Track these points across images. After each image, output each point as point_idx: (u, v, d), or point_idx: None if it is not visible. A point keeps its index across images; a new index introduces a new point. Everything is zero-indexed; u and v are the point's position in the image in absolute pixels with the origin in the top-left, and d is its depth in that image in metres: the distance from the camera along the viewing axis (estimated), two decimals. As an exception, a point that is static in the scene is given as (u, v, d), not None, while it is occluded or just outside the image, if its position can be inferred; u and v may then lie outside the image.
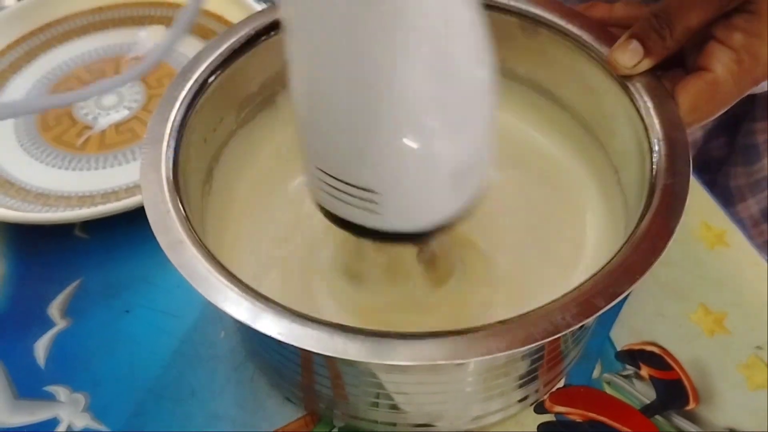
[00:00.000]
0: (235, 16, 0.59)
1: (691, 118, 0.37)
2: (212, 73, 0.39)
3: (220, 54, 0.40)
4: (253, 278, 0.39)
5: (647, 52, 0.37)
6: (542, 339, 0.28)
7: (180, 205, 0.33)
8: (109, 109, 0.57)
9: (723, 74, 0.36)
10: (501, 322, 0.29)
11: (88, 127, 0.56)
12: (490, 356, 0.28)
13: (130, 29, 0.63)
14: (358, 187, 0.29)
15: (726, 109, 0.38)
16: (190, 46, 0.60)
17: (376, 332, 0.28)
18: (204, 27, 0.61)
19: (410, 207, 0.30)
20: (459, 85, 0.28)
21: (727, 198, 0.66)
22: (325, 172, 0.29)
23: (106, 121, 0.56)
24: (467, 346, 0.28)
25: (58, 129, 0.56)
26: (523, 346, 0.28)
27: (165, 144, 0.35)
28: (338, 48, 0.26)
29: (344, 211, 0.30)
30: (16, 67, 0.61)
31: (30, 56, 0.62)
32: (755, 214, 0.69)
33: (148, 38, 0.62)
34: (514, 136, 0.45)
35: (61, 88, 0.59)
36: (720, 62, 0.36)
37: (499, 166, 0.43)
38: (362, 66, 0.26)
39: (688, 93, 0.37)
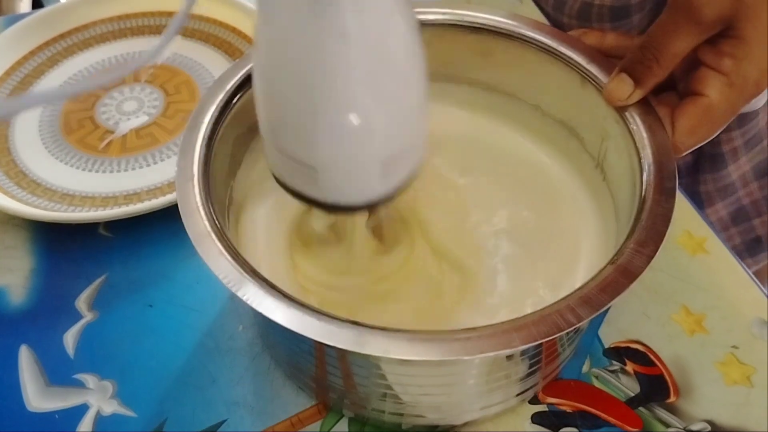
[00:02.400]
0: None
1: (690, 140, 0.39)
2: (237, 90, 0.41)
3: (246, 72, 0.42)
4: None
5: (637, 83, 0.39)
6: (544, 338, 0.30)
7: (213, 213, 0.36)
8: (129, 114, 0.59)
9: (717, 98, 0.38)
10: (508, 322, 0.31)
11: (109, 131, 0.57)
12: (501, 352, 0.30)
13: (148, 38, 0.65)
14: (301, 163, 0.33)
15: (721, 130, 0.40)
16: (215, 61, 0.63)
17: (395, 330, 0.31)
18: (231, 44, 0.63)
19: (344, 185, 0.34)
20: (388, 88, 0.31)
21: (696, 203, 0.68)
22: (277, 149, 0.34)
23: (126, 125, 0.58)
24: (479, 343, 0.30)
25: (80, 132, 0.57)
26: (526, 344, 0.30)
27: (197, 156, 0.38)
28: (286, 49, 0.30)
29: (292, 181, 0.35)
30: (39, 72, 0.62)
31: (52, 62, 0.63)
32: (724, 218, 0.72)
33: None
34: (516, 153, 0.48)
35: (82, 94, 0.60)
36: (713, 87, 0.38)
37: (499, 177, 0.46)
38: (304, 66, 0.30)
39: (686, 117, 0.39)
